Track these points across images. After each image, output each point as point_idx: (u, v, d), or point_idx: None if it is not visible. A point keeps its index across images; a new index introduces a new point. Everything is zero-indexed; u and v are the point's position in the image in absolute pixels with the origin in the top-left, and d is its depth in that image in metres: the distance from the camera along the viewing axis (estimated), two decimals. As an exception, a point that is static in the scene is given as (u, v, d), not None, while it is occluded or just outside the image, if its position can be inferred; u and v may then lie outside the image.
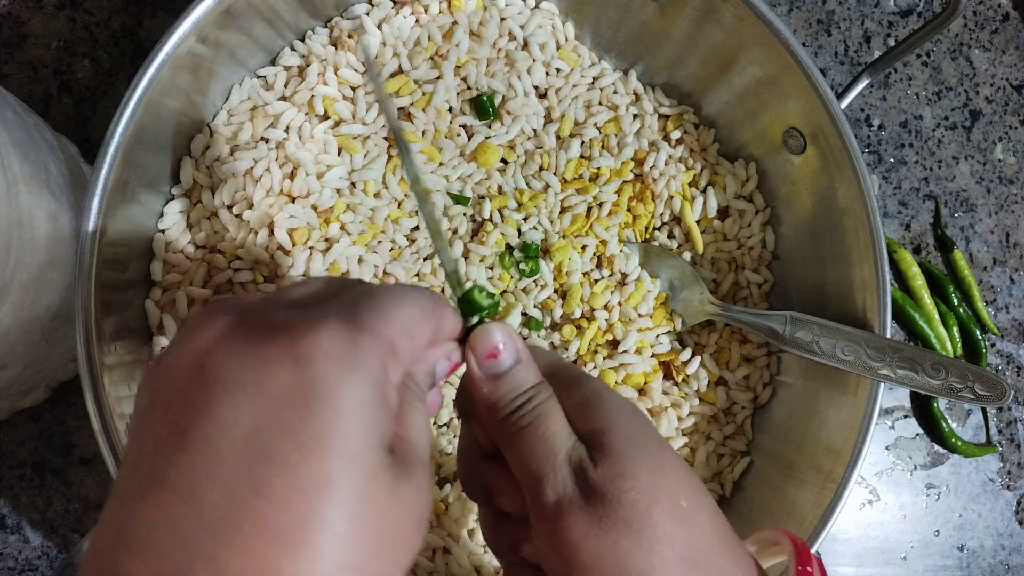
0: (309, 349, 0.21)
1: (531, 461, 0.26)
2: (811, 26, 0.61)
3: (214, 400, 0.21)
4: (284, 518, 0.19)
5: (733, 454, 0.51)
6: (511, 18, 0.49)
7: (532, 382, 0.27)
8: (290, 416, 0.20)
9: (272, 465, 0.20)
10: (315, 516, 0.20)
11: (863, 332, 0.45)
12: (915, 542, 0.59)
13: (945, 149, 0.62)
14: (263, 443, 0.20)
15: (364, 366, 0.21)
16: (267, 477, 0.20)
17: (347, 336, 0.22)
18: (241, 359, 0.21)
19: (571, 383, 0.28)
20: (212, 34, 0.41)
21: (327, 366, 0.21)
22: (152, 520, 0.20)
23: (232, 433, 0.20)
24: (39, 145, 0.41)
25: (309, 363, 0.21)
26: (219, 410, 0.20)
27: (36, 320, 0.40)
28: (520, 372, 0.27)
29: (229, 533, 0.19)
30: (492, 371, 0.27)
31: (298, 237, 0.45)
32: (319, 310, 0.23)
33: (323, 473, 0.20)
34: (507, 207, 0.49)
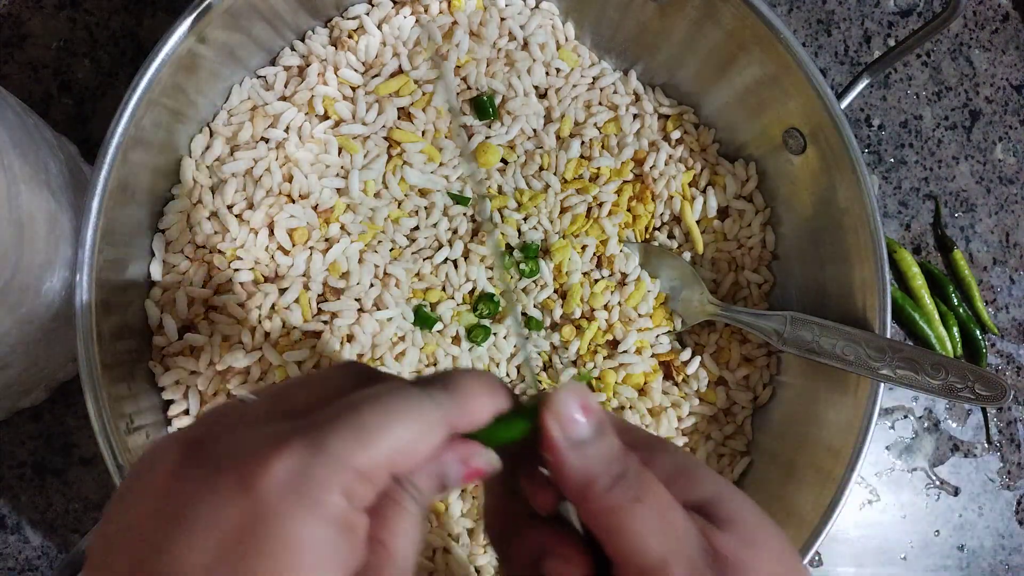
0: (259, 481, 0.20)
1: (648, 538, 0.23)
2: (811, 26, 0.61)
3: (169, 535, 0.20)
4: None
5: (733, 454, 0.51)
6: (511, 18, 0.49)
7: (621, 447, 0.24)
8: (242, 554, 0.20)
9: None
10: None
11: (863, 332, 0.45)
12: (915, 542, 0.59)
13: (945, 149, 0.62)
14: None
15: (320, 500, 0.20)
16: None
17: (303, 467, 0.20)
18: (196, 491, 0.21)
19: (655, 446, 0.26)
20: (212, 34, 0.41)
21: (278, 502, 0.20)
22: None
23: (184, 570, 0.20)
24: (39, 145, 0.41)
25: (259, 499, 0.20)
26: (173, 546, 0.20)
27: (36, 320, 0.40)
28: (608, 437, 0.24)
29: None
30: (578, 436, 0.24)
31: (298, 237, 0.45)
32: (283, 430, 0.21)
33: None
34: (507, 207, 0.49)
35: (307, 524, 0.20)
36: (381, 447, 0.21)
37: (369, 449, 0.21)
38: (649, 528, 0.23)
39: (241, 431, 0.22)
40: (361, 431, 0.21)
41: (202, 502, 0.20)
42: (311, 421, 0.22)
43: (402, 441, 0.22)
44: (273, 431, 0.21)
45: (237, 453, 0.21)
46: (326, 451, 0.21)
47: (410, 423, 0.22)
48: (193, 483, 0.21)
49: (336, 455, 0.21)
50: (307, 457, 0.21)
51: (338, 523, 0.21)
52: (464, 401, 0.23)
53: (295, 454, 0.21)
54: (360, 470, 0.21)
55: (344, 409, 0.22)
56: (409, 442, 0.22)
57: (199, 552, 0.20)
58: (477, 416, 0.24)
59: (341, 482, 0.21)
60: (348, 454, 0.21)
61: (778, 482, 0.48)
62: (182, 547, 0.20)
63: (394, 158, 0.47)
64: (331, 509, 0.20)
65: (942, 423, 0.60)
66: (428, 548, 0.47)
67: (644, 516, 0.23)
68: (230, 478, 0.21)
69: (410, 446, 0.22)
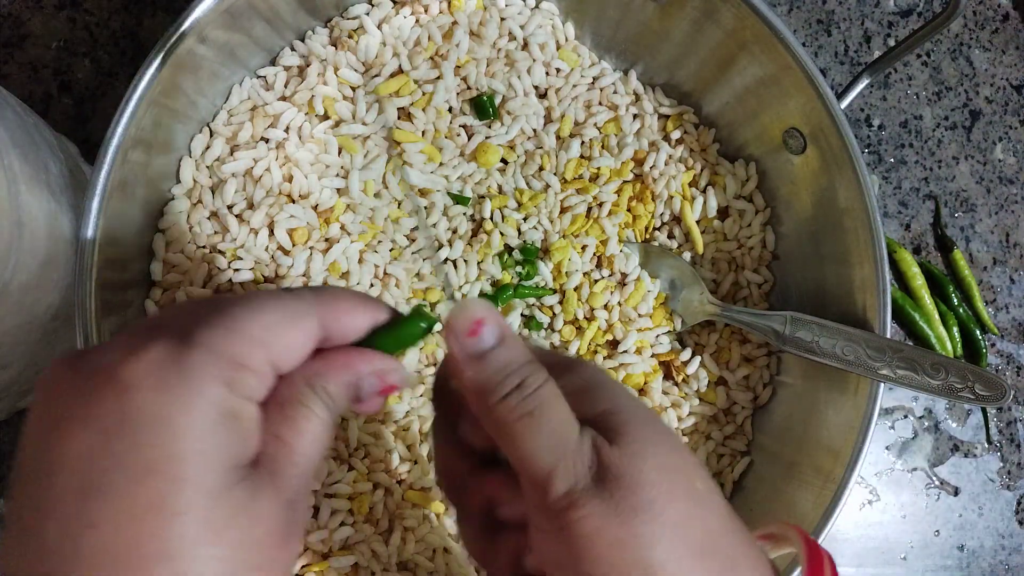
0: (129, 375, 0.21)
1: (537, 452, 0.23)
2: (811, 26, 0.61)
3: (51, 436, 0.21)
4: (117, 548, 0.20)
5: (733, 454, 0.51)
6: (511, 18, 0.49)
7: (522, 359, 0.25)
8: (119, 445, 0.20)
9: (102, 495, 0.20)
10: (150, 545, 0.20)
11: (863, 332, 0.45)
12: (915, 542, 0.59)
13: (945, 149, 0.62)
14: (94, 474, 0.20)
15: (194, 386, 0.21)
16: (97, 508, 0.20)
17: (173, 357, 0.21)
18: (73, 392, 0.21)
19: (564, 368, 0.26)
20: (212, 34, 0.41)
21: (150, 391, 0.21)
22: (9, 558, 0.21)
23: (67, 467, 0.21)
24: (39, 145, 0.41)
25: (132, 390, 0.21)
26: (56, 446, 0.21)
27: (36, 320, 0.40)
28: (507, 350, 0.25)
29: (67, 567, 0.20)
30: (475, 350, 0.24)
31: (298, 237, 0.45)
32: (153, 332, 0.22)
33: (154, 500, 0.20)
34: (507, 207, 0.49)
35: (182, 411, 0.21)
36: (249, 333, 0.22)
37: (237, 335, 0.22)
38: (539, 441, 0.24)
39: (118, 338, 0.23)
40: (229, 321, 0.22)
41: (76, 402, 0.21)
42: (179, 321, 0.23)
43: (269, 328, 0.23)
44: (143, 335, 0.22)
45: (110, 354, 0.22)
46: (194, 342, 0.22)
47: (275, 311, 0.23)
48: (70, 385, 0.22)
49: (205, 344, 0.22)
50: (176, 348, 0.21)
51: (218, 409, 0.21)
52: (330, 300, 0.25)
53: (163, 346, 0.21)
54: (232, 357, 0.22)
55: (210, 308, 0.23)
56: (277, 328, 0.23)
57: (79, 446, 0.21)
58: (347, 316, 0.25)
59: (214, 369, 0.21)
60: (219, 342, 0.22)
61: (778, 482, 0.48)
62: (61, 445, 0.21)
63: (394, 158, 0.47)
64: (208, 395, 0.21)
65: (942, 423, 0.60)
66: (428, 548, 0.47)
67: (534, 429, 0.24)
68: (102, 376, 0.21)
69: (279, 333, 0.23)
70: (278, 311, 0.23)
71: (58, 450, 0.21)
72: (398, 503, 0.46)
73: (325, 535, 0.44)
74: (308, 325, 0.24)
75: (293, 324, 0.23)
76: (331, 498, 0.45)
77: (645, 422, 0.25)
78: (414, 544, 0.46)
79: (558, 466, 0.23)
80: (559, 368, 0.26)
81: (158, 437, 0.20)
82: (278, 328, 0.23)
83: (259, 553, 0.22)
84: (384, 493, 0.46)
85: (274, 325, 0.23)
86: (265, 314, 0.23)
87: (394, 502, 0.46)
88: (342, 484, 0.45)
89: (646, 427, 0.24)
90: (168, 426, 0.21)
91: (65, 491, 0.20)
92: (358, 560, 0.45)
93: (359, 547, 0.45)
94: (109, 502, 0.20)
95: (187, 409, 0.21)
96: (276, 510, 0.22)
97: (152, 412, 0.21)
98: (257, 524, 0.22)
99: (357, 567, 0.45)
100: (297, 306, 0.24)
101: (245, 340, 0.22)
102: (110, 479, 0.20)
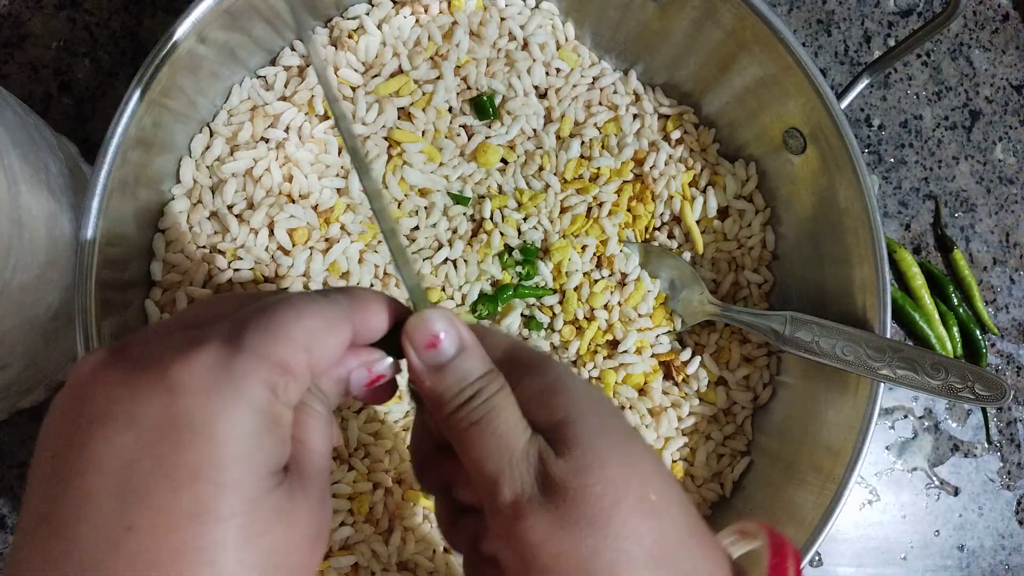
0: (180, 378, 0.21)
1: (484, 459, 0.24)
2: (811, 26, 0.61)
3: (87, 435, 0.21)
4: (156, 553, 0.19)
5: (733, 454, 0.51)
6: (511, 18, 0.49)
7: (479, 372, 0.25)
8: (162, 448, 0.20)
9: (142, 499, 0.20)
10: (191, 548, 0.20)
11: (863, 332, 0.45)
12: (915, 542, 0.59)
13: (945, 149, 0.62)
14: (134, 477, 0.20)
15: (242, 392, 0.21)
16: (137, 511, 0.20)
17: (223, 361, 0.21)
18: (114, 389, 0.21)
19: (531, 368, 0.26)
20: (212, 34, 0.41)
21: (198, 395, 0.20)
22: (33, 560, 0.20)
23: (104, 468, 0.20)
24: (39, 145, 0.41)
25: (180, 393, 0.20)
26: (91, 445, 0.20)
27: (36, 320, 0.40)
28: (464, 362, 0.25)
29: (102, 570, 0.19)
30: (433, 361, 0.25)
31: (298, 237, 0.45)
32: (202, 333, 0.22)
33: (195, 505, 0.20)
34: (507, 207, 0.49)
35: (230, 416, 0.21)
36: (295, 339, 0.22)
37: (284, 342, 0.22)
38: (486, 449, 0.24)
39: (159, 336, 0.23)
40: (275, 326, 0.22)
41: (121, 399, 0.21)
42: (226, 323, 0.22)
43: (313, 333, 0.23)
44: (191, 334, 0.22)
45: (158, 353, 0.22)
46: (244, 346, 0.21)
47: (317, 317, 0.23)
48: (112, 382, 0.21)
49: (254, 349, 0.21)
50: (226, 352, 0.21)
51: (263, 414, 0.21)
52: (361, 304, 0.25)
53: (214, 350, 0.21)
54: (279, 363, 0.22)
55: (255, 311, 0.23)
56: (319, 334, 0.23)
57: (118, 447, 0.20)
58: (375, 319, 0.25)
59: (262, 375, 0.21)
60: (266, 348, 0.22)
61: (778, 482, 0.48)
62: (99, 442, 0.20)
63: (394, 158, 0.47)
64: (255, 401, 0.21)
65: (942, 423, 0.60)
66: (428, 548, 0.47)
67: (481, 438, 0.24)
68: (150, 375, 0.21)
69: (321, 339, 0.23)
70: (319, 317, 0.23)
71: (95, 448, 0.20)
72: (398, 503, 0.46)
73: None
74: (345, 331, 0.24)
75: (333, 330, 0.23)
76: (331, 498, 0.45)
77: (600, 433, 0.24)
78: (414, 544, 0.46)
79: (504, 473, 0.24)
80: (525, 367, 0.26)
81: (205, 442, 0.20)
82: (320, 334, 0.23)
83: (294, 557, 0.22)
84: (384, 493, 0.46)
85: (317, 331, 0.23)
86: (308, 320, 0.23)
87: (394, 502, 0.46)
88: (342, 484, 0.45)
89: (600, 438, 0.24)
90: (214, 431, 0.20)
91: (102, 492, 0.20)
92: (358, 560, 0.45)
93: (359, 547, 0.45)
94: (150, 506, 0.20)
95: (234, 414, 0.21)
96: (309, 513, 0.22)
97: (199, 416, 0.20)
98: (293, 528, 0.22)
99: (357, 567, 0.45)
100: (334, 311, 0.24)
101: (291, 346, 0.22)
102: (152, 483, 0.20)
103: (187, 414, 0.20)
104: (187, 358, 0.21)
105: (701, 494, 0.50)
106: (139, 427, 0.20)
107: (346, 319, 0.24)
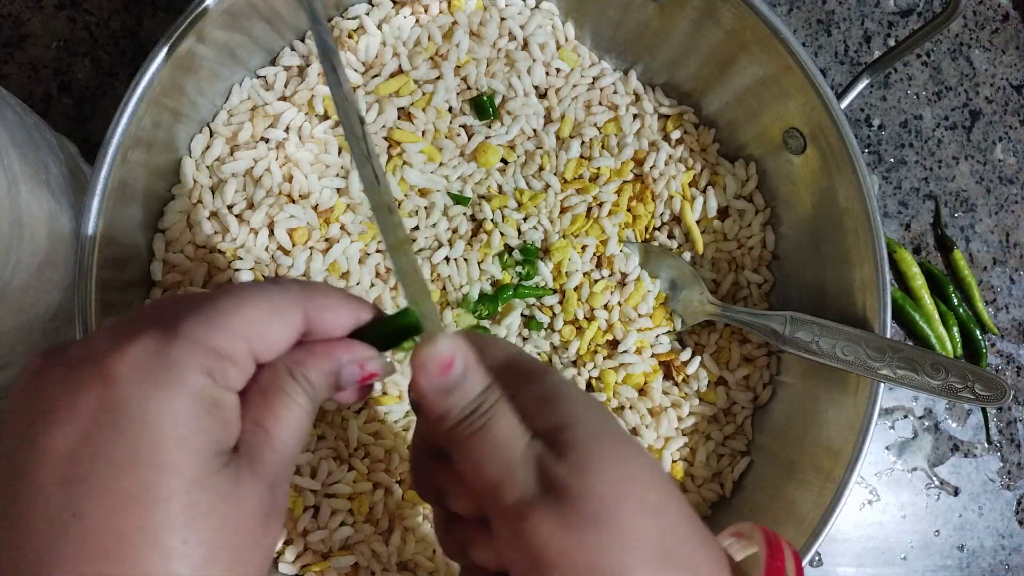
0: (115, 367, 0.21)
1: (485, 465, 0.25)
2: (811, 26, 0.61)
3: (34, 429, 0.21)
4: (104, 537, 0.20)
5: (733, 454, 0.51)
6: (511, 18, 0.49)
7: (480, 388, 0.26)
8: (102, 436, 0.21)
9: (87, 486, 0.20)
10: (136, 530, 0.20)
11: (863, 332, 0.45)
12: (915, 542, 0.59)
13: (945, 149, 0.62)
14: (78, 465, 0.21)
15: (176, 377, 0.21)
16: (81, 498, 0.20)
17: (157, 349, 0.22)
18: (56, 385, 0.22)
19: (529, 377, 0.27)
20: (212, 34, 0.41)
21: (134, 383, 0.21)
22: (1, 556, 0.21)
23: (50, 459, 0.21)
24: (39, 145, 0.41)
25: (116, 381, 0.21)
26: (38, 438, 0.21)
27: (36, 320, 0.40)
28: (467, 382, 0.26)
29: (55, 559, 0.20)
30: (444, 386, 0.25)
31: (298, 237, 0.45)
32: (139, 326, 0.23)
33: (139, 488, 0.20)
34: (507, 207, 0.49)
35: (165, 400, 0.21)
36: (233, 326, 0.23)
37: (222, 329, 0.23)
38: (486, 455, 0.25)
39: (101, 332, 0.23)
40: (214, 314, 0.23)
41: (60, 394, 0.22)
42: (167, 316, 0.23)
43: (254, 321, 0.23)
44: (129, 328, 0.23)
45: (94, 348, 0.22)
46: (178, 333, 0.22)
47: (261, 305, 0.24)
48: (52, 380, 0.22)
49: (190, 336, 0.22)
50: (161, 341, 0.22)
51: (200, 398, 0.22)
52: (316, 294, 0.25)
53: (149, 339, 0.22)
54: (217, 349, 0.22)
55: (197, 301, 0.23)
56: (261, 321, 0.23)
57: (61, 439, 0.21)
58: (331, 313, 0.25)
59: (198, 361, 0.22)
60: (202, 334, 0.22)
61: (778, 482, 0.48)
62: (45, 437, 0.21)
63: (394, 158, 0.47)
64: (190, 386, 0.22)
65: (942, 423, 0.60)
66: (428, 548, 0.47)
67: (481, 445, 0.25)
68: (86, 369, 0.22)
69: (263, 327, 0.23)
70: (262, 304, 0.24)
71: (42, 442, 0.21)
72: (398, 503, 0.46)
73: (325, 535, 0.44)
74: (292, 319, 0.25)
75: (277, 317, 0.24)
76: (331, 498, 0.45)
77: (599, 437, 0.25)
78: (414, 544, 0.46)
79: (506, 477, 0.24)
80: (525, 377, 0.27)
81: (142, 427, 0.21)
82: (261, 321, 0.24)
83: (242, 536, 0.22)
84: (384, 493, 0.46)
85: (257, 318, 0.24)
86: (249, 307, 0.23)
87: (394, 502, 0.46)
88: (342, 484, 0.45)
89: (598, 442, 0.25)
90: (151, 415, 0.21)
91: (50, 482, 0.21)
92: (358, 560, 0.45)
93: (359, 547, 0.45)
94: (94, 492, 0.20)
95: (170, 398, 0.21)
96: (257, 494, 0.23)
97: (136, 402, 0.21)
98: (239, 508, 0.22)
99: (357, 567, 0.45)
100: (282, 299, 0.24)
101: (228, 332, 0.23)
102: (95, 469, 0.20)
103: (123, 401, 0.21)
104: (121, 349, 0.22)
105: (701, 494, 0.50)
106: (80, 418, 0.21)
107: (296, 307, 0.25)
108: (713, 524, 0.50)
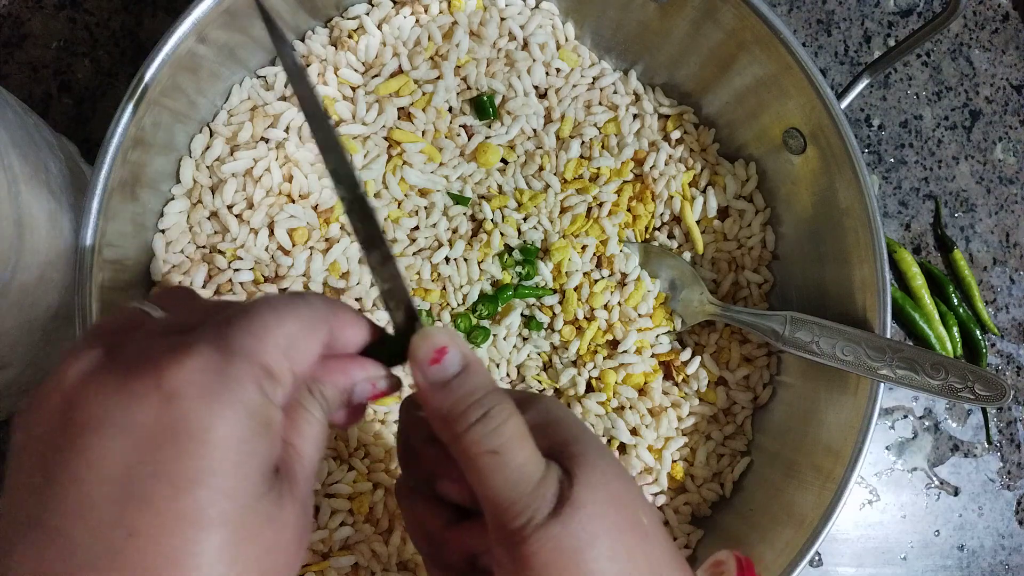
0: (176, 383, 0.21)
1: (501, 487, 0.24)
2: (811, 26, 0.61)
3: (82, 440, 0.21)
4: (154, 558, 0.20)
5: (733, 454, 0.51)
6: (511, 18, 0.49)
7: (487, 386, 0.25)
8: (160, 454, 0.20)
9: (141, 504, 0.20)
10: (186, 554, 0.20)
11: (863, 332, 0.45)
12: (915, 542, 0.59)
13: (945, 149, 0.62)
14: (133, 482, 0.20)
15: (236, 396, 0.21)
16: (136, 516, 0.20)
17: (217, 365, 0.21)
18: (108, 396, 0.21)
19: (523, 404, 0.27)
20: (212, 34, 0.41)
21: (195, 400, 0.21)
22: (26, 564, 0.20)
23: (101, 473, 0.20)
24: (39, 145, 0.41)
25: (177, 398, 0.20)
26: (88, 450, 0.20)
27: (36, 320, 0.40)
28: (471, 377, 0.25)
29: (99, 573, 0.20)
30: (438, 377, 0.25)
31: (298, 237, 0.45)
32: (191, 336, 0.22)
33: (194, 510, 0.20)
34: (507, 207, 0.49)
35: (226, 420, 0.21)
36: (280, 342, 0.22)
37: (269, 345, 0.22)
38: (503, 478, 0.24)
39: (148, 339, 0.23)
40: (260, 330, 0.22)
41: (116, 406, 0.21)
42: (210, 325, 0.22)
43: (295, 337, 0.23)
44: (178, 337, 0.22)
45: (148, 357, 0.21)
46: (234, 349, 0.22)
47: (296, 319, 0.23)
48: (106, 390, 0.21)
49: (243, 352, 0.22)
50: (218, 356, 0.21)
51: (256, 418, 0.21)
52: (339, 309, 0.25)
53: (205, 353, 0.21)
54: (266, 366, 0.22)
55: (239, 312, 0.23)
56: (298, 337, 0.23)
57: (117, 453, 0.20)
58: (350, 328, 0.25)
59: (254, 377, 0.22)
60: (253, 350, 0.22)
61: (778, 482, 0.48)
62: (97, 451, 0.20)
63: (394, 158, 0.47)
64: (248, 405, 0.21)
65: (942, 423, 0.60)
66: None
67: (499, 467, 0.24)
68: (144, 380, 0.21)
69: (299, 342, 0.23)
70: (299, 320, 0.23)
71: (92, 455, 0.20)
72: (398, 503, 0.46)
73: (325, 535, 0.44)
74: (322, 335, 0.24)
75: (312, 333, 0.24)
76: (331, 498, 0.45)
77: (600, 455, 0.25)
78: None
79: (518, 501, 0.24)
80: (519, 404, 0.26)
81: (202, 447, 0.20)
82: (301, 337, 0.23)
83: (282, 557, 0.22)
84: (384, 493, 0.46)
85: (298, 334, 0.23)
86: (289, 322, 0.23)
87: (394, 502, 0.46)
88: (342, 484, 0.45)
89: (600, 459, 0.25)
90: (213, 436, 0.20)
91: (104, 498, 0.20)
92: (358, 560, 0.45)
93: (359, 547, 0.45)
94: (150, 511, 0.20)
95: (232, 418, 0.21)
96: (296, 515, 0.23)
97: (197, 422, 0.20)
98: (283, 531, 0.22)
99: (357, 567, 0.45)
100: (313, 315, 0.24)
101: (276, 349, 0.22)
102: (152, 488, 0.20)
103: (185, 419, 0.20)
104: (182, 361, 0.21)
105: (701, 494, 0.50)
106: (137, 433, 0.20)
107: (324, 323, 0.24)
108: (713, 524, 0.50)
